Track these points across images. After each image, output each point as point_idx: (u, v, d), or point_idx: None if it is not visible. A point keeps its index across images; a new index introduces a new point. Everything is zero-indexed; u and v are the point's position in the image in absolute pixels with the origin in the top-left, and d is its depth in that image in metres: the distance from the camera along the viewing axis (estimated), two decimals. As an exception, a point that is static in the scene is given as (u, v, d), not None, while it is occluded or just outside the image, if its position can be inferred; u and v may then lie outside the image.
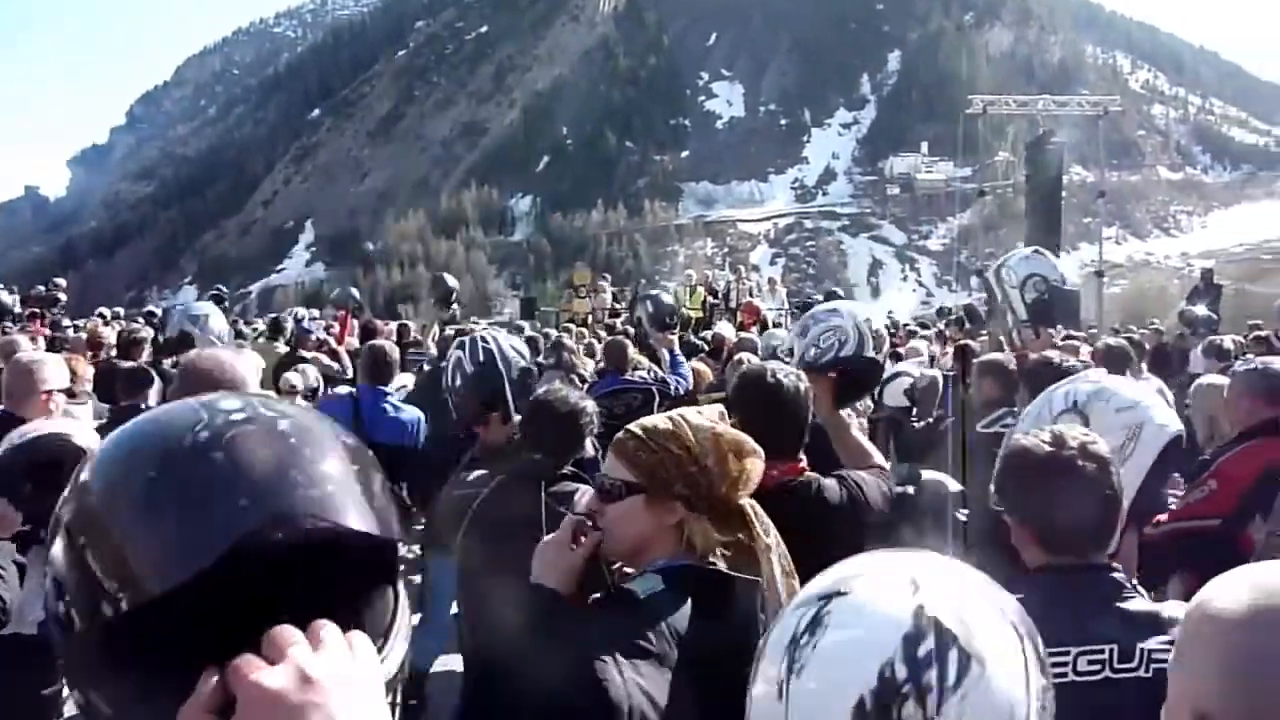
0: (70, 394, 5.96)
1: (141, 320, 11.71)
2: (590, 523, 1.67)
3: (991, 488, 1.85)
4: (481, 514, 2.71)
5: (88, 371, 5.33)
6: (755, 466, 1.68)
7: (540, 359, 8.01)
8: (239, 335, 10.77)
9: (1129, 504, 1.81)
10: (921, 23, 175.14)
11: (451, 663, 4.57)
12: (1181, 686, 0.91)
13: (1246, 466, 2.98)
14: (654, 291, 10.99)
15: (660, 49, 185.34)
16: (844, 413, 2.94)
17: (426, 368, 8.28)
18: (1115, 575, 1.68)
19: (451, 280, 8.68)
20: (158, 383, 5.30)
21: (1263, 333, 10.47)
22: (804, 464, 2.49)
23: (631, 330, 10.48)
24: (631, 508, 1.61)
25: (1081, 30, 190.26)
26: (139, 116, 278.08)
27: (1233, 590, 0.90)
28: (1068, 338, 12.17)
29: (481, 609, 2.65)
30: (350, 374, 8.09)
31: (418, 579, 5.80)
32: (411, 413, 4.70)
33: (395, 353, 4.95)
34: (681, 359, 6.14)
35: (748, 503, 1.62)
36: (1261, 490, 2.94)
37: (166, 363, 6.61)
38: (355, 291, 14.04)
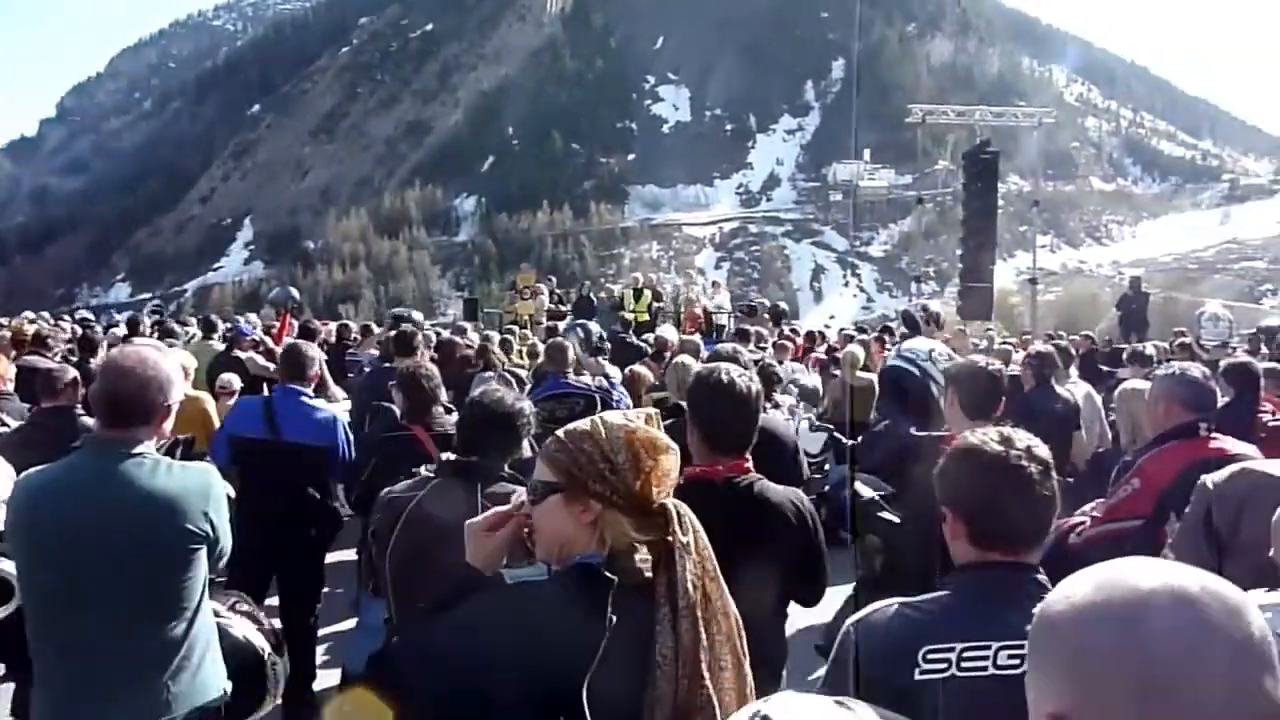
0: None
1: (96, 321, 11.37)
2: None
3: (934, 480, 1.88)
4: (416, 516, 2.68)
5: (9, 370, 5.19)
6: (669, 463, 1.68)
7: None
8: (169, 334, 10.53)
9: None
10: (865, 31, 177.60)
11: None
12: (1034, 691, 0.93)
13: (1166, 467, 3.09)
14: (582, 321, 11.02)
15: (607, 51, 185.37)
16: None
17: (367, 369, 8.21)
18: (1040, 578, 1.71)
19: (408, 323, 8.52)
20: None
21: (1186, 339, 10.84)
22: (749, 463, 2.56)
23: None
24: (551, 506, 1.66)
25: (1019, 43, 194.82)
26: (70, 108, 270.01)
27: (1069, 590, 0.93)
28: (1004, 342, 12.46)
29: (412, 610, 2.64)
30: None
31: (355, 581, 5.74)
32: (328, 412, 4.62)
33: (314, 351, 4.85)
34: (615, 381, 6.20)
35: (670, 502, 1.61)
36: (1178, 491, 3.01)
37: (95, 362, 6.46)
38: (295, 291, 13.83)
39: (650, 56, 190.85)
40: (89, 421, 4.87)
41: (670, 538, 1.57)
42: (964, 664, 1.61)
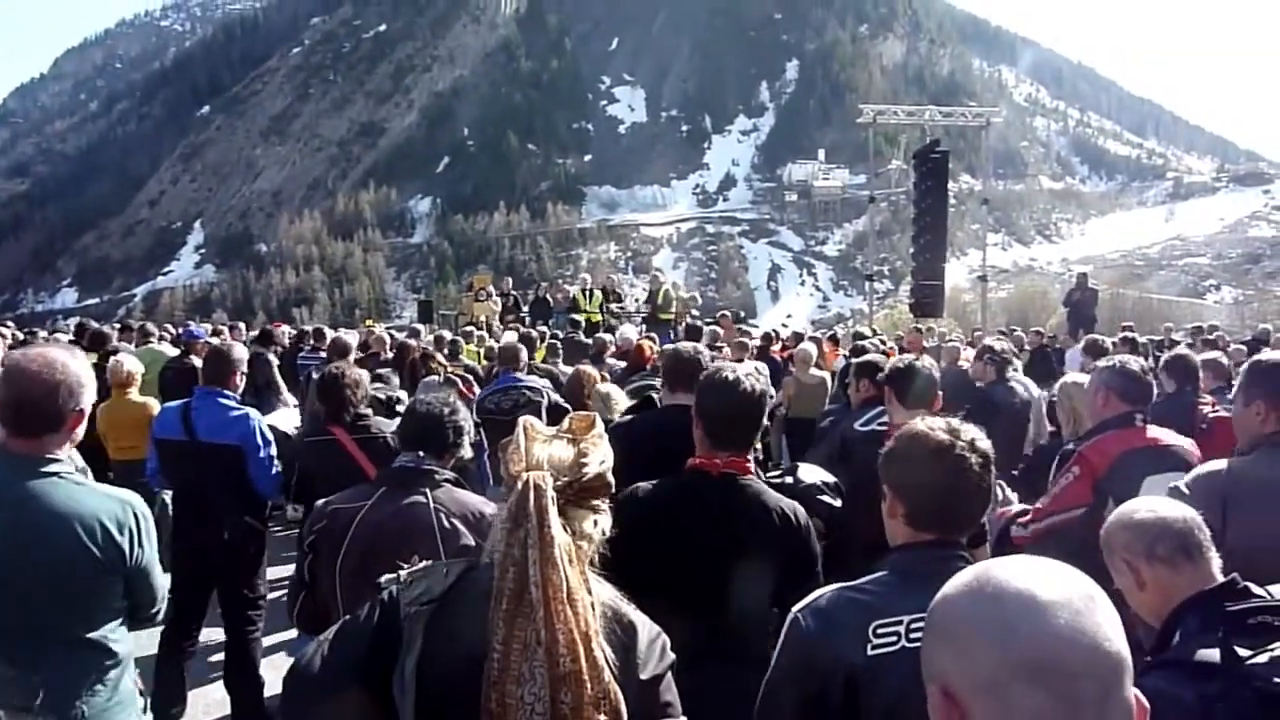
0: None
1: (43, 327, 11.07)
2: None
3: (879, 463, 1.92)
4: (366, 524, 2.65)
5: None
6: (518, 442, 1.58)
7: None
8: (146, 336, 10.34)
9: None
10: (818, 33, 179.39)
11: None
12: (926, 670, 0.99)
13: (1103, 455, 3.16)
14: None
15: (562, 52, 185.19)
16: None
17: (315, 375, 8.10)
18: (966, 556, 1.77)
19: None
20: None
21: (1131, 334, 11.06)
22: (751, 462, 2.61)
23: (534, 332, 10.42)
24: None
25: (970, 44, 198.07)
26: (13, 110, 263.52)
27: (954, 580, 1.00)
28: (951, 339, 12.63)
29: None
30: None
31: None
32: (242, 411, 4.54)
33: (239, 353, 4.78)
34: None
35: (526, 477, 1.49)
36: (1115, 477, 3.09)
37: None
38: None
39: (605, 57, 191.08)
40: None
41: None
42: (913, 635, 1.65)
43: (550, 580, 1.37)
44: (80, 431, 2.40)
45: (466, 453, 2.92)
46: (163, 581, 2.51)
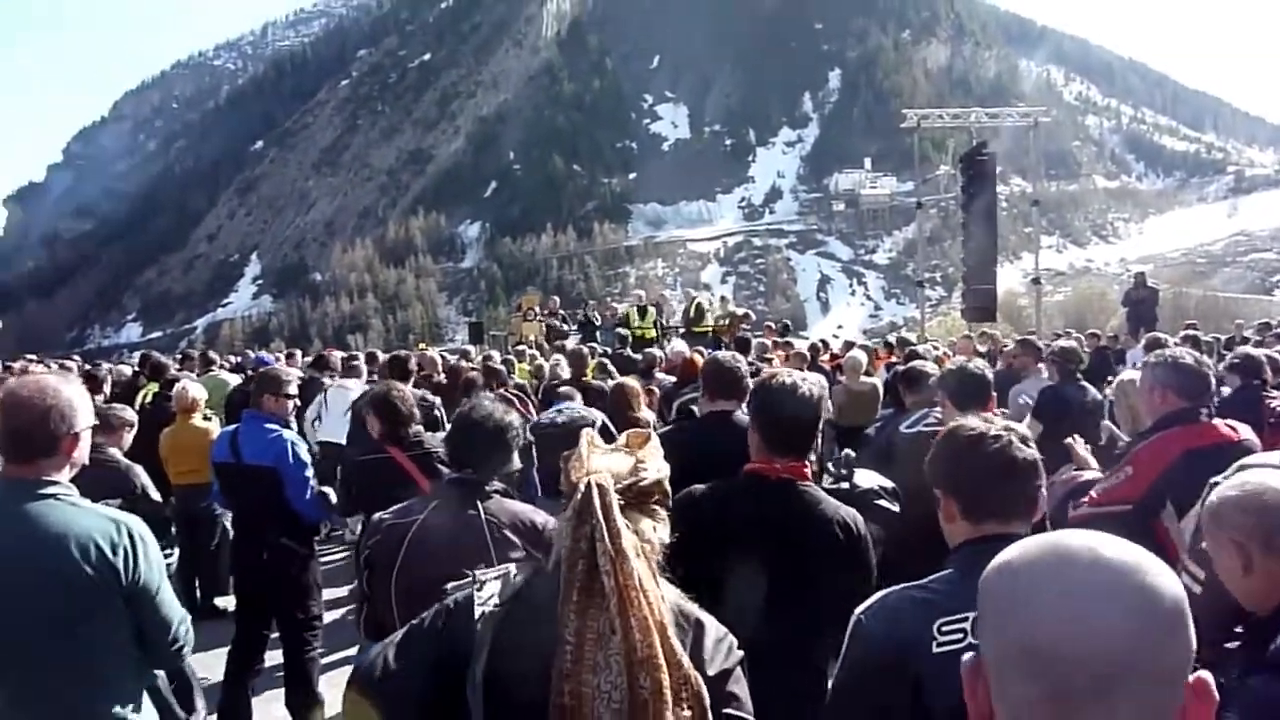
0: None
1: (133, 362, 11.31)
2: None
3: (926, 467, 1.93)
4: (420, 539, 2.65)
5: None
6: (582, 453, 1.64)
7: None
8: (208, 364, 10.65)
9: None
10: (860, 40, 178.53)
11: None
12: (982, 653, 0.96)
13: (1161, 454, 3.06)
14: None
15: (604, 72, 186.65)
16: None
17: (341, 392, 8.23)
18: None
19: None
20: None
21: (1195, 333, 10.78)
22: (809, 468, 2.63)
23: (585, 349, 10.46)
24: None
25: (1015, 44, 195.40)
26: (77, 153, 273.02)
27: (1009, 553, 0.95)
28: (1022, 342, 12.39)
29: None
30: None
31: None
32: (279, 433, 4.64)
33: (282, 375, 4.91)
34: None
35: (587, 479, 1.51)
36: (1175, 477, 2.99)
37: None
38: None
39: (647, 76, 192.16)
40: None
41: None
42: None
43: (622, 569, 1.39)
44: (79, 455, 2.41)
45: (515, 464, 2.93)
46: (176, 610, 2.47)
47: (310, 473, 4.57)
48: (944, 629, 1.68)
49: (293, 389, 4.88)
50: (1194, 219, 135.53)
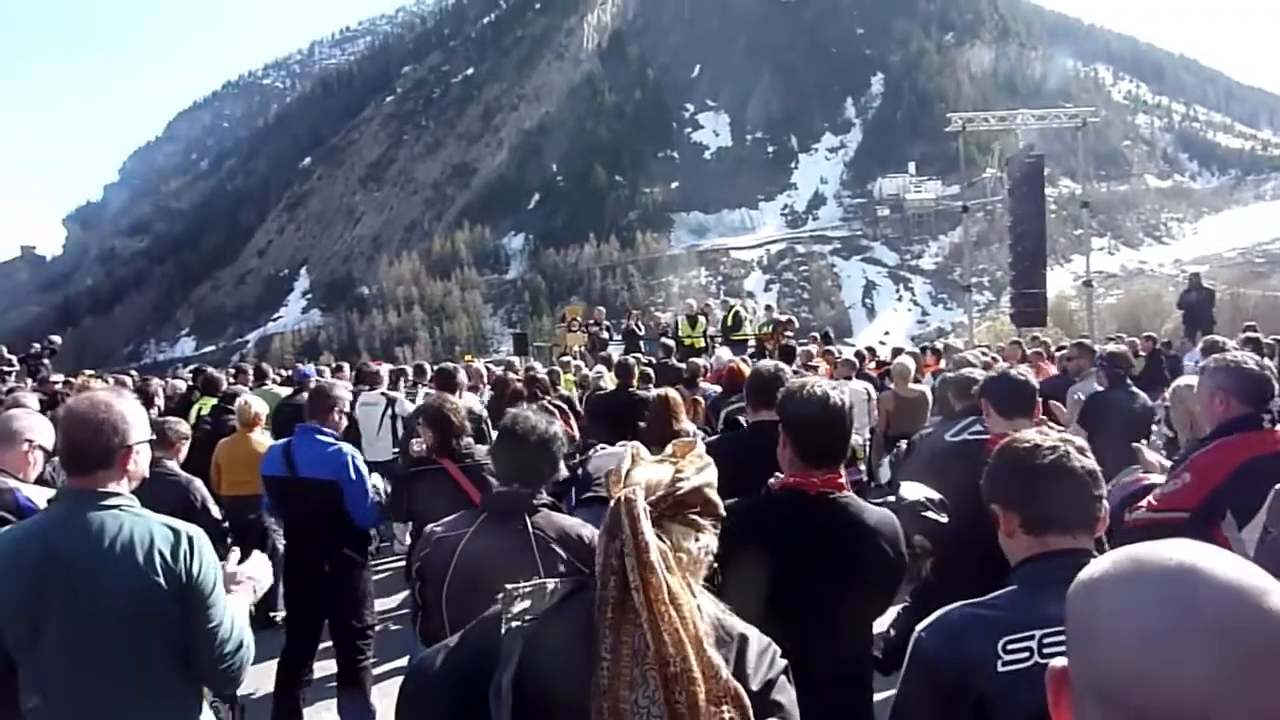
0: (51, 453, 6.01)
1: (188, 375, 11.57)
2: None
3: (982, 483, 1.90)
4: (468, 553, 2.68)
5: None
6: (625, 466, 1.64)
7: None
8: (261, 377, 10.90)
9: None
10: (902, 44, 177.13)
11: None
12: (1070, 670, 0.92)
13: (1221, 461, 2.98)
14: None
15: (645, 82, 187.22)
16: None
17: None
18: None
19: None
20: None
21: (1255, 335, 10.50)
22: (844, 479, 2.58)
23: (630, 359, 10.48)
24: None
25: (1061, 44, 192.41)
26: (132, 172, 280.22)
27: (1101, 565, 0.90)
28: (1060, 347, 12.19)
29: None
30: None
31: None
32: (338, 446, 4.70)
33: (336, 390, 4.97)
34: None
35: (623, 493, 1.51)
36: (1236, 485, 2.93)
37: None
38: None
39: (688, 85, 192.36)
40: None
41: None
42: (1045, 651, 1.60)
43: (650, 583, 1.38)
44: (137, 466, 2.53)
45: (562, 473, 2.95)
46: (229, 625, 2.51)
47: (369, 484, 4.65)
48: (1009, 647, 1.63)
49: (345, 404, 4.97)
50: (1250, 218, 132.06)
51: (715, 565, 1.58)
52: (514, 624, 1.55)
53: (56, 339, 17.49)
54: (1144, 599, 0.79)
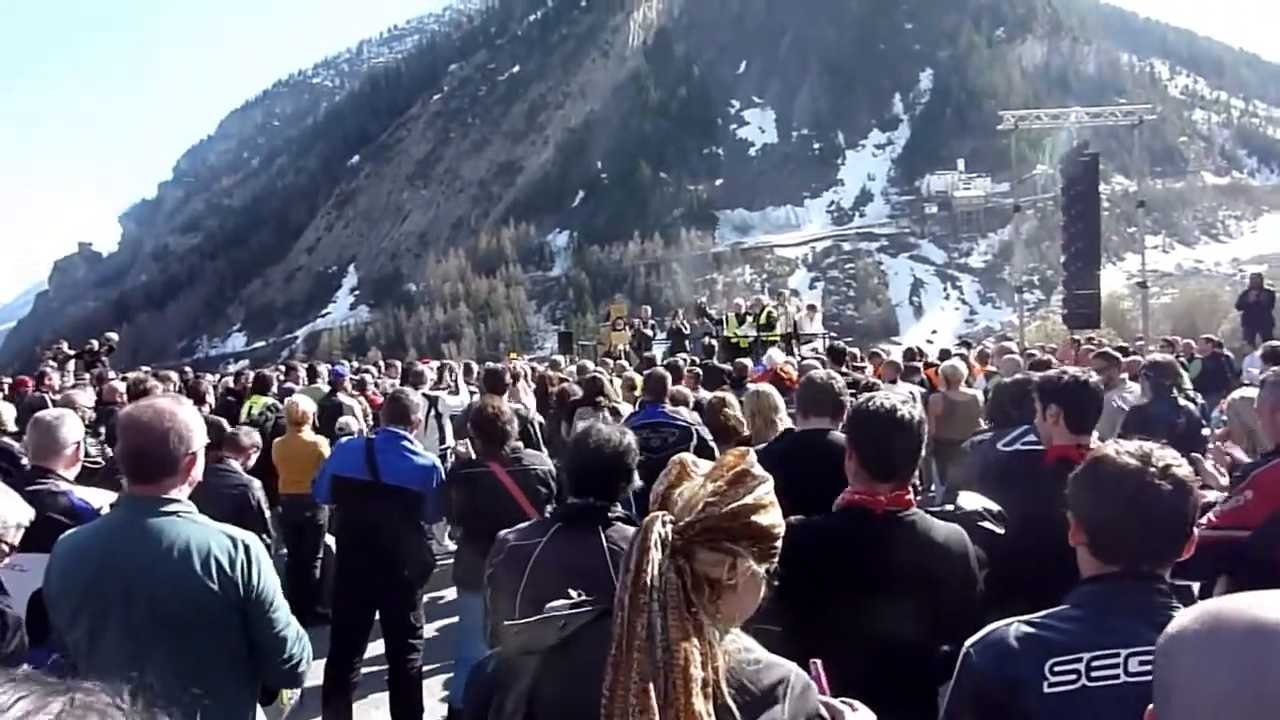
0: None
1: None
2: None
3: (1068, 491, 1.86)
4: (541, 563, 2.69)
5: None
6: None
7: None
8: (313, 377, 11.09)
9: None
10: (951, 40, 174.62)
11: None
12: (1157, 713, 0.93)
13: None
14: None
15: (690, 79, 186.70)
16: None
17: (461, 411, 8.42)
18: (1162, 587, 1.69)
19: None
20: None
21: (1316, 337, 10.20)
22: (911, 496, 2.55)
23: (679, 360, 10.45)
24: None
25: (1116, 39, 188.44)
26: (185, 170, 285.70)
27: (1188, 615, 0.90)
28: (1120, 348, 11.95)
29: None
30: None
31: (455, 620, 5.84)
32: (428, 458, 4.80)
33: (415, 397, 5.08)
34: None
35: (646, 519, 1.46)
36: None
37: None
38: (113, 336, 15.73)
39: (734, 82, 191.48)
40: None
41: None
42: (1093, 674, 1.59)
43: (632, 625, 1.33)
44: (197, 473, 2.57)
45: (637, 483, 2.96)
46: (291, 629, 2.58)
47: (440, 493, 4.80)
48: (1056, 669, 1.61)
49: (420, 414, 5.11)
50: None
51: (773, 589, 1.52)
52: (513, 658, 1.53)
53: (114, 336, 17.93)
54: (1218, 663, 0.79)
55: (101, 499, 3.21)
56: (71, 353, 16.70)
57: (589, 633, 1.51)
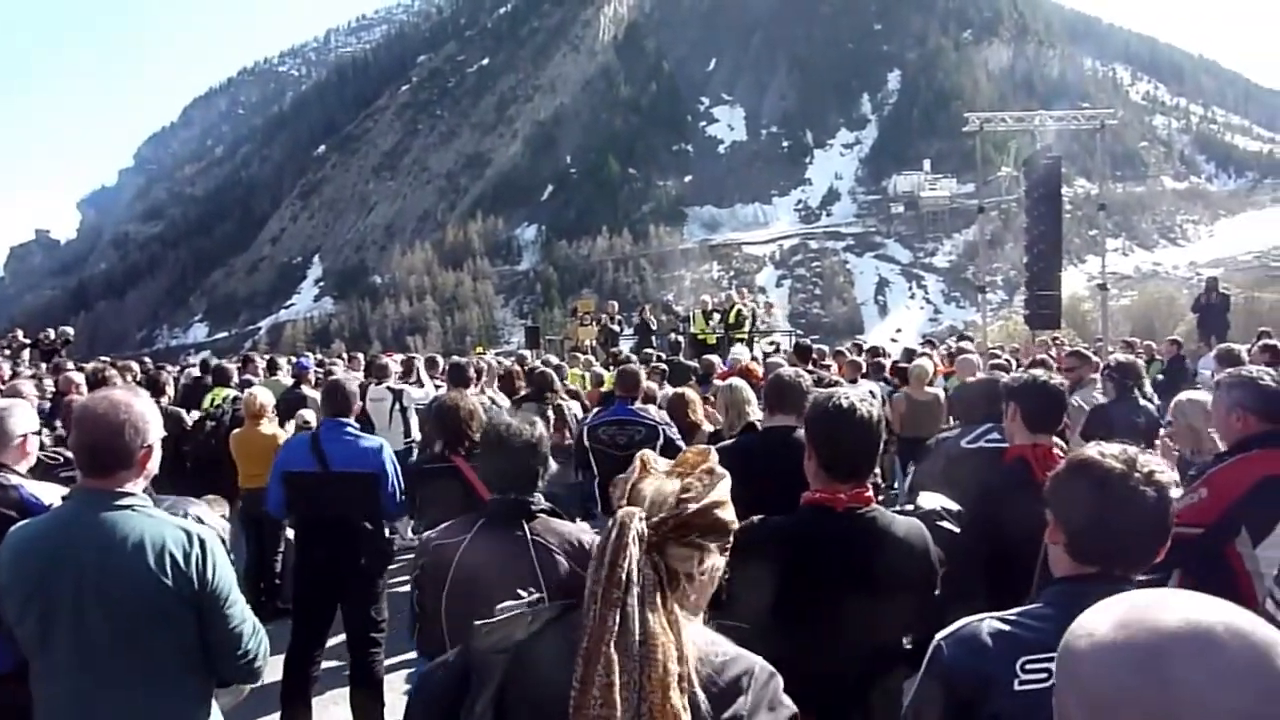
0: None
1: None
2: None
3: (1047, 490, 1.85)
4: (467, 560, 2.64)
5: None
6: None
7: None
8: (273, 368, 10.95)
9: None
10: (920, 41, 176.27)
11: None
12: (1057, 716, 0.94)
13: (1238, 479, 2.95)
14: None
15: (661, 75, 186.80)
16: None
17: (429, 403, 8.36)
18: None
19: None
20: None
21: (1271, 341, 10.41)
22: (870, 493, 2.53)
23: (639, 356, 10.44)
24: None
25: (1080, 44, 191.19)
26: (147, 158, 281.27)
27: (1092, 623, 0.93)
28: (994, 349, 12.11)
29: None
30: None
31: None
32: (374, 441, 4.78)
33: (354, 384, 5.04)
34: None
35: (619, 514, 1.45)
36: (1252, 502, 2.90)
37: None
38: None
39: (703, 79, 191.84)
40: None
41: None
42: None
43: (603, 619, 1.34)
44: (153, 466, 2.52)
45: (552, 468, 2.94)
46: (247, 624, 2.55)
47: (399, 476, 4.76)
48: (1027, 667, 1.61)
49: (358, 397, 5.05)
50: (1267, 221, 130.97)
51: (725, 583, 1.54)
52: (487, 657, 1.52)
53: (69, 330, 17.61)
54: (1120, 667, 0.85)
55: (53, 494, 3.12)
56: (27, 341, 16.40)
57: (555, 628, 1.51)
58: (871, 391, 8.57)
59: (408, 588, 2.90)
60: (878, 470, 3.05)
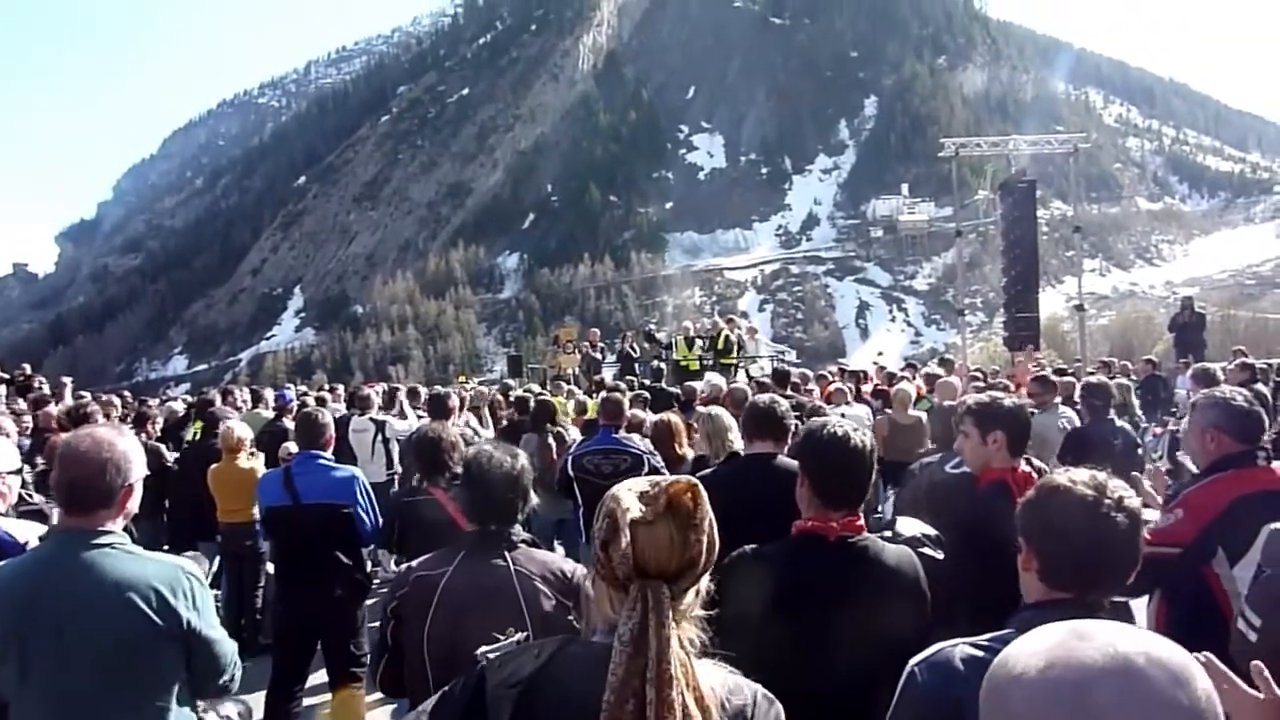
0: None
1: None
2: None
3: (1018, 517, 1.84)
4: (450, 591, 2.62)
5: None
6: (624, 541, 1.48)
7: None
8: (226, 396, 10.82)
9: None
10: (895, 68, 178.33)
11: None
12: None
13: (1212, 499, 2.99)
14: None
15: (640, 104, 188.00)
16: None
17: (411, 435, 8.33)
18: (1102, 615, 1.65)
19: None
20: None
21: (1247, 359, 10.54)
22: (863, 521, 2.53)
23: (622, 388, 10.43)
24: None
25: (1052, 68, 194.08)
26: (126, 190, 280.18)
27: (1017, 657, 0.95)
28: (1059, 370, 12.21)
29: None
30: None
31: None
32: (346, 471, 4.76)
33: (327, 416, 5.01)
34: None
35: (642, 587, 1.44)
36: (1228, 522, 2.92)
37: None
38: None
39: (683, 106, 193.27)
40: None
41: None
42: None
43: (666, 701, 1.33)
44: (133, 505, 2.51)
45: (534, 501, 2.93)
46: (229, 649, 2.57)
47: (374, 504, 4.77)
48: None
49: (332, 429, 5.03)
50: (1240, 240, 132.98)
51: (727, 618, 1.54)
52: (500, 691, 1.50)
53: (26, 367, 17.37)
54: (1044, 700, 0.88)
55: (30, 532, 3.08)
56: (4, 376, 16.21)
57: (561, 661, 1.51)
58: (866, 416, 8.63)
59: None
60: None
